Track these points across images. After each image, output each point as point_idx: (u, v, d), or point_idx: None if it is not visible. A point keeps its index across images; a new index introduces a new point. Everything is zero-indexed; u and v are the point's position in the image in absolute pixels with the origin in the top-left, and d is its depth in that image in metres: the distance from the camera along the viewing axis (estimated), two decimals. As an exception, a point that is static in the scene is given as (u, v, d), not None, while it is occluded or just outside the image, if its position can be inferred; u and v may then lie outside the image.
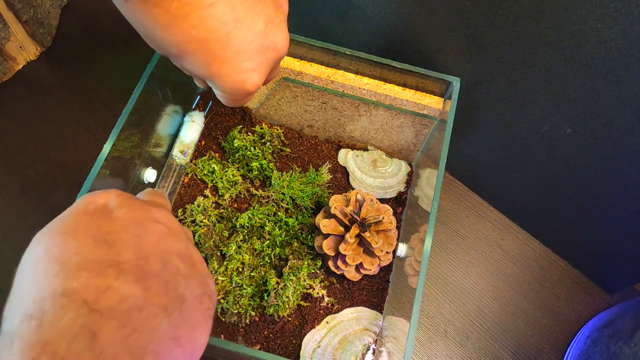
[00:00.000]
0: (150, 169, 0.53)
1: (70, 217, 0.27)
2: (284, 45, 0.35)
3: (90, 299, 0.23)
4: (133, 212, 0.28)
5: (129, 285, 0.24)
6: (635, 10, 0.36)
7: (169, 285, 0.26)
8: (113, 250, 0.25)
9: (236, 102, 0.38)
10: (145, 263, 0.26)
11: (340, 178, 0.60)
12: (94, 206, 0.28)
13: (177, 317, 0.26)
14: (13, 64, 0.65)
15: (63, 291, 0.23)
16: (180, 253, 0.29)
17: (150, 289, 0.25)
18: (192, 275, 0.29)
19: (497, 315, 0.58)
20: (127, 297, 0.24)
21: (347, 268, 0.51)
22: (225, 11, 0.30)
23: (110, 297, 0.24)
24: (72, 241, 0.25)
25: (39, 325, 0.22)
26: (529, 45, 0.44)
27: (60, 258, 0.24)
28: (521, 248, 0.62)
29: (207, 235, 0.53)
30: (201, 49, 0.31)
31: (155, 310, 0.25)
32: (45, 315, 0.22)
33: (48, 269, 0.24)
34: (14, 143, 0.62)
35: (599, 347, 0.52)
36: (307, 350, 0.50)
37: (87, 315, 0.23)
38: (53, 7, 0.67)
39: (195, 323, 0.27)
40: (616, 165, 0.47)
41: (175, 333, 0.26)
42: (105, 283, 0.24)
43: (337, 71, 0.53)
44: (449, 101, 0.49)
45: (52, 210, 0.58)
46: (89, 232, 0.26)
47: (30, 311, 0.23)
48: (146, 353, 0.24)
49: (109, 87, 0.67)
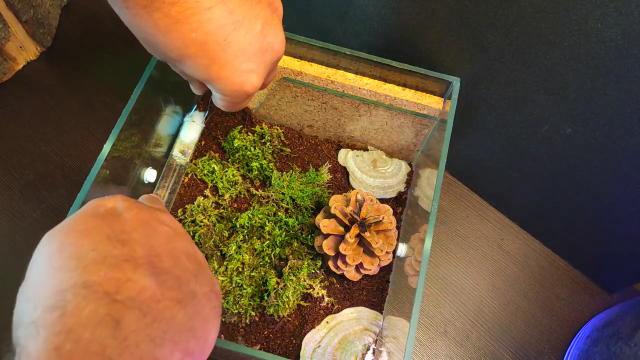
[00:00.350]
0: (150, 169, 0.53)
1: (81, 219, 0.28)
2: (280, 47, 0.36)
3: (111, 290, 0.24)
4: (141, 215, 0.29)
5: (145, 278, 0.25)
6: (635, 10, 0.36)
7: (181, 280, 0.27)
8: (127, 247, 0.26)
9: (235, 106, 0.38)
10: (158, 260, 0.27)
11: (340, 178, 0.60)
12: (103, 209, 0.29)
13: (190, 310, 0.27)
14: (13, 64, 0.65)
15: (84, 283, 0.24)
16: (188, 252, 0.30)
17: (164, 284, 0.26)
18: (200, 274, 0.30)
19: (497, 315, 0.58)
20: (145, 289, 0.25)
21: (347, 268, 0.51)
22: (223, 14, 0.31)
23: (130, 289, 0.24)
24: (86, 239, 0.26)
25: (62, 315, 0.23)
26: (529, 45, 0.44)
27: (76, 254, 0.25)
28: (521, 248, 0.62)
29: (207, 235, 0.53)
30: (201, 52, 0.32)
31: (170, 303, 0.26)
32: (68, 305, 0.23)
33: (64, 264, 0.25)
34: (14, 143, 0.62)
35: (599, 347, 0.52)
36: (307, 350, 0.50)
37: (110, 305, 0.23)
38: (53, 7, 0.67)
39: (206, 317, 0.28)
40: (616, 165, 0.47)
41: (191, 325, 0.27)
42: (124, 276, 0.25)
43: (337, 71, 0.53)
44: (449, 101, 0.49)
45: (51, 211, 0.58)
46: (102, 231, 0.27)
47: (52, 302, 0.23)
48: (165, 341, 0.25)
49: (109, 87, 0.66)
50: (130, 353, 0.23)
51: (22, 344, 0.23)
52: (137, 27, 0.31)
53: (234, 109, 0.38)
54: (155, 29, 0.30)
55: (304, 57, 0.53)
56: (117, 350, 0.23)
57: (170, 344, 0.25)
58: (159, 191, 0.55)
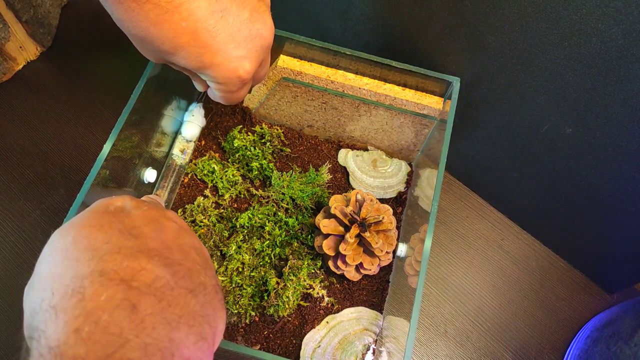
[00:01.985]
0: (150, 169, 0.53)
1: (92, 215, 0.29)
2: (269, 33, 0.37)
3: (127, 278, 0.25)
4: (149, 212, 0.30)
5: (159, 268, 0.26)
6: (635, 10, 0.36)
7: (191, 272, 0.28)
8: (140, 240, 0.27)
9: (231, 96, 0.39)
10: (169, 253, 0.28)
11: (340, 178, 0.60)
12: (113, 207, 0.30)
13: (202, 299, 0.28)
14: (13, 64, 0.65)
15: (101, 271, 0.25)
16: (196, 247, 0.31)
17: (177, 274, 0.27)
18: (208, 268, 0.31)
19: (497, 315, 0.58)
20: (159, 277, 0.26)
21: (347, 268, 0.51)
22: (211, 2, 0.33)
23: (145, 276, 0.25)
24: (100, 233, 0.27)
25: (81, 300, 0.24)
26: (529, 45, 0.44)
27: (91, 246, 0.26)
28: (521, 248, 0.62)
29: (207, 235, 0.53)
30: (192, 41, 0.33)
31: (183, 291, 0.27)
32: (86, 291, 0.24)
33: (80, 256, 0.26)
34: (14, 143, 0.62)
35: (599, 347, 0.52)
36: (307, 350, 0.50)
37: (126, 290, 0.24)
38: (53, 7, 0.67)
39: (216, 307, 0.29)
40: (616, 165, 0.47)
41: (203, 311, 0.27)
42: (139, 265, 0.26)
43: (337, 71, 0.53)
44: (449, 101, 0.49)
45: (51, 210, 0.58)
46: (114, 226, 0.28)
47: (71, 289, 0.24)
48: (181, 324, 0.25)
49: (109, 87, 0.66)
50: (147, 334, 0.24)
51: (42, 328, 0.24)
52: (129, 22, 0.33)
53: (231, 99, 0.39)
54: (147, 22, 0.32)
55: (304, 57, 0.53)
56: (135, 331, 0.23)
57: (186, 327, 0.26)
58: (159, 191, 0.55)
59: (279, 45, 0.53)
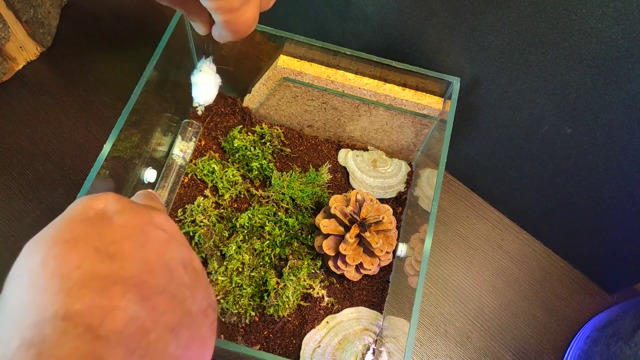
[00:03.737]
0: (150, 169, 0.53)
1: (68, 225, 0.25)
2: None
3: (95, 323, 0.22)
4: (134, 219, 0.27)
5: (135, 305, 0.23)
6: (635, 10, 0.36)
7: (175, 300, 0.25)
8: (117, 264, 0.24)
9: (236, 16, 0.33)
10: (151, 277, 0.25)
11: (340, 178, 0.60)
12: (93, 212, 0.26)
13: (185, 335, 0.25)
14: (13, 64, 0.65)
15: (65, 314, 0.21)
16: (185, 261, 0.28)
17: (157, 308, 0.24)
18: (197, 287, 0.28)
19: (497, 315, 0.58)
20: (134, 318, 0.23)
21: (347, 268, 0.51)
22: None
23: (116, 320, 0.22)
24: (72, 253, 0.24)
25: (39, 355, 0.20)
26: (529, 45, 0.44)
27: (61, 272, 0.23)
28: (521, 248, 0.62)
29: (207, 235, 0.53)
30: None
31: (163, 331, 0.24)
32: (46, 342, 0.21)
33: (48, 285, 0.22)
34: (13, 143, 0.62)
35: (599, 347, 0.52)
36: (307, 350, 0.50)
37: (92, 342, 0.21)
38: (53, 7, 0.67)
39: (202, 338, 0.26)
40: (616, 165, 0.47)
41: (185, 353, 0.25)
42: (111, 303, 0.22)
43: (337, 71, 0.53)
44: (449, 101, 0.49)
45: (50, 210, 0.58)
46: (90, 242, 0.24)
47: (30, 336, 0.21)
48: None
49: (108, 87, 0.66)
50: None
51: None
52: None
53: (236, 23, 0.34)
54: None
55: (304, 57, 0.53)
56: None
57: None
58: (158, 191, 0.55)
59: (279, 45, 0.53)
